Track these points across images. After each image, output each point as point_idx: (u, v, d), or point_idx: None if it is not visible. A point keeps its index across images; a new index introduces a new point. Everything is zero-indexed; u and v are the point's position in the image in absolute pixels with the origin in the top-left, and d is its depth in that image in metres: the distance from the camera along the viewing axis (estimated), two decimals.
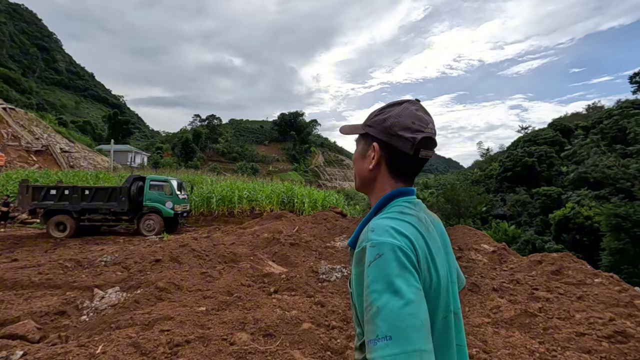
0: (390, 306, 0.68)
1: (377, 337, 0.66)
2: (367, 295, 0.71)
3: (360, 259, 0.77)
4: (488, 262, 6.71)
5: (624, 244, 15.74)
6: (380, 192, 0.93)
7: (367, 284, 0.72)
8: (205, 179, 22.26)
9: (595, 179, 26.16)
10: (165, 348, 3.02)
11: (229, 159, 73.28)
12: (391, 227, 0.78)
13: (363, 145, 0.96)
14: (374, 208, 0.91)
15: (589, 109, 56.91)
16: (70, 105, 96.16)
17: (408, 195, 0.92)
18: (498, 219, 30.83)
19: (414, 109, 0.91)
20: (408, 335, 0.65)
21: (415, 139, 0.86)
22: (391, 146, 0.89)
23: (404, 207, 0.88)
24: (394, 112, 0.90)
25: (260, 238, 8.48)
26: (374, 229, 0.79)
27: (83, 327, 3.87)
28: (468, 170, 61.60)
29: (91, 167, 31.67)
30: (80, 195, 11.73)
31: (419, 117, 0.89)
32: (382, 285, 0.70)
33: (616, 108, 37.64)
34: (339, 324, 3.73)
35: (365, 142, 0.95)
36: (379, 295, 0.69)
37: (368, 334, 0.69)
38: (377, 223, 0.81)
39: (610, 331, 3.38)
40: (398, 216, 0.84)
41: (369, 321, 0.69)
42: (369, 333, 0.69)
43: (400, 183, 0.92)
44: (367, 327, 0.70)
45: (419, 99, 0.96)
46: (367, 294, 0.71)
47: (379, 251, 0.73)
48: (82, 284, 5.36)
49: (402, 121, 0.88)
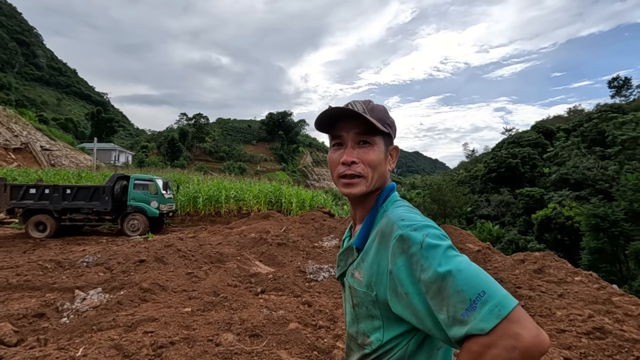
0: (464, 266, 0.66)
1: (471, 301, 0.62)
2: (433, 273, 0.67)
3: (402, 248, 0.73)
4: (473, 261, 6.82)
5: (602, 243, 16.26)
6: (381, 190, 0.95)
7: (427, 265, 0.68)
8: (191, 178, 21.97)
9: (575, 180, 26.93)
10: (148, 350, 2.96)
11: (216, 158, 72.46)
12: (416, 214, 0.81)
13: (383, 144, 0.91)
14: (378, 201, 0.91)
15: (570, 112, 58.60)
16: (51, 102, 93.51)
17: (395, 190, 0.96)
18: (483, 219, 31.43)
19: None
20: (494, 283, 0.64)
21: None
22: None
23: (404, 201, 0.91)
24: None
25: (247, 238, 8.42)
26: (403, 218, 0.79)
27: (63, 330, 3.76)
28: (454, 171, 62.58)
29: (73, 165, 30.86)
30: (61, 195, 11.41)
31: None
32: (444, 256, 0.68)
33: (596, 111, 38.88)
34: (326, 324, 3.73)
35: (384, 142, 0.91)
36: (446, 265, 0.66)
37: (456, 308, 0.63)
38: (401, 214, 0.81)
39: (590, 327, 3.47)
40: (411, 209, 0.86)
41: (452, 294, 0.64)
42: (458, 306, 0.63)
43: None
44: (452, 302, 0.64)
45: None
46: (433, 271, 0.67)
47: (424, 232, 0.73)
48: (62, 285, 5.21)
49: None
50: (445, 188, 30.08)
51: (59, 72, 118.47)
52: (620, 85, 52.73)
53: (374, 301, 0.81)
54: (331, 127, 0.92)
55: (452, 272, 0.65)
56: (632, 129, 18.79)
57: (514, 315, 0.60)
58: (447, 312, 0.65)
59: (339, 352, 3.12)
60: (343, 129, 0.89)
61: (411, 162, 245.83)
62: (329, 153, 0.94)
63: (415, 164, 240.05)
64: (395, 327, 0.79)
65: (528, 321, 0.60)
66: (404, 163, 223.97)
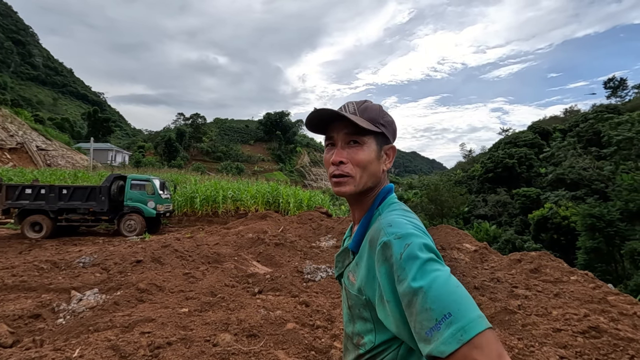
0: (436, 285, 0.64)
1: (437, 321, 0.60)
2: (406, 287, 0.66)
3: (385, 256, 0.73)
4: (470, 261, 6.84)
5: (598, 243, 16.35)
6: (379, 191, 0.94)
7: (403, 277, 0.68)
8: (188, 179, 21.92)
9: (572, 180, 27.08)
10: (145, 350, 2.95)
11: (214, 158, 72.27)
12: (407, 220, 0.79)
13: (376, 144, 0.90)
14: (375, 203, 0.91)
15: (566, 113, 58.88)
16: (47, 102, 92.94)
17: (393, 193, 0.95)
18: (480, 219, 31.53)
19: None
20: (466, 305, 0.61)
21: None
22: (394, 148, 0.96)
23: (401, 204, 0.90)
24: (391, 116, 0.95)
25: (244, 238, 8.40)
26: (391, 224, 0.77)
27: (59, 331, 3.75)
28: (451, 171, 62.71)
29: (69, 165, 30.70)
30: (57, 195, 11.35)
31: None
32: (420, 270, 0.66)
33: (591, 112, 39.09)
34: (323, 324, 3.73)
35: (377, 142, 0.91)
36: (421, 280, 0.65)
37: (422, 326, 0.62)
38: (391, 219, 0.80)
39: (585, 327, 3.50)
40: (405, 213, 0.85)
41: (420, 311, 0.63)
42: (424, 324, 0.62)
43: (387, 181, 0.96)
44: (419, 319, 0.63)
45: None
46: (405, 286, 0.66)
47: (407, 241, 0.71)
48: (58, 286, 5.19)
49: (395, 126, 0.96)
50: (442, 188, 30.13)
51: (55, 71, 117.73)
52: (615, 86, 53.06)
53: (365, 305, 0.82)
54: (325, 128, 0.93)
55: (424, 288, 0.64)
56: (627, 130, 18.94)
57: (477, 340, 0.58)
58: (414, 328, 0.65)
59: (337, 352, 3.12)
60: (334, 129, 0.91)
61: (408, 162, 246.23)
62: (324, 153, 0.96)
63: (412, 164, 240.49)
64: (386, 331, 0.78)
65: (492, 348, 0.57)
66: (402, 163, 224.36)
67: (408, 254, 0.69)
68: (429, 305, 0.62)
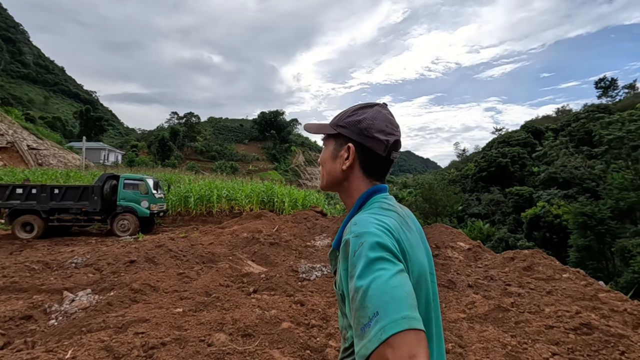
0: (374, 284, 0.65)
1: (369, 319, 0.63)
2: (352, 284, 0.69)
3: (345, 253, 0.76)
4: (464, 259, 6.90)
5: (589, 241, 16.57)
6: (355, 191, 0.95)
7: (352, 274, 0.70)
8: (182, 178, 21.76)
9: (564, 179, 27.40)
10: (139, 351, 2.93)
11: (208, 157, 71.86)
12: (374, 219, 0.79)
13: (334, 145, 0.97)
14: (356, 206, 0.92)
15: (558, 112, 59.58)
16: (38, 101, 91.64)
17: (384, 192, 0.94)
18: (473, 217, 31.78)
19: (386, 112, 0.95)
20: (395, 305, 0.63)
21: (388, 142, 0.91)
22: (365, 147, 0.92)
23: (382, 203, 0.90)
24: (368, 114, 0.93)
25: (239, 238, 8.38)
26: (356, 222, 0.80)
27: (51, 332, 3.70)
28: (445, 170, 63.10)
29: (61, 165, 30.31)
30: (49, 195, 11.21)
31: (391, 120, 0.94)
32: (365, 268, 0.68)
33: (583, 112, 39.59)
34: (318, 323, 3.74)
35: (337, 143, 0.97)
36: (363, 279, 0.67)
37: (359, 323, 0.65)
38: (359, 218, 0.82)
39: (577, 323, 3.54)
40: (379, 211, 0.85)
41: (358, 308, 0.66)
42: (360, 320, 0.65)
43: (374, 182, 0.95)
44: (356, 315, 0.66)
45: (386, 103, 0.99)
46: (352, 283, 0.69)
47: (361, 239, 0.73)
48: (50, 286, 5.12)
49: (376, 124, 0.91)
50: (436, 187, 30.32)
51: (46, 69, 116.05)
52: (606, 86, 53.82)
53: (342, 300, 0.85)
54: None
55: (363, 287, 0.66)
56: (618, 129, 19.18)
57: (392, 339, 0.60)
58: (353, 324, 0.68)
59: (332, 350, 3.12)
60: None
61: (403, 161, 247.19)
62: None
63: (407, 164, 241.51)
64: None
65: (405, 349, 0.59)
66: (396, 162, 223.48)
67: (360, 252, 0.71)
68: (365, 304, 0.65)
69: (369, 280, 0.66)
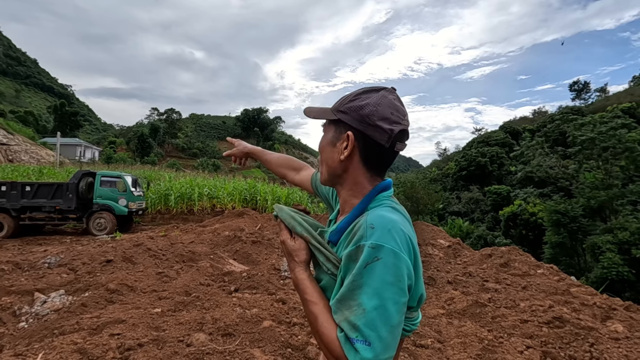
0: (377, 313, 0.68)
1: (357, 338, 0.69)
2: (355, 292, 0.71)
3: (355, 255, 0.73)
4: (444, 256, 7.04)
5: (562, 238, 17.20)
6: (355, 185, 0.87)
7: (358, 283, 0.71)
8: (163, 175, 21.27)
9: (539, 178, 28.32)
10: (115, 353, 2.84)
11: (189, 155, 70.48)
12: (393, 227, 0.74)
13: (334, 132, 0.88)
14: (361, 205, 0.84)
15: (534, 114, 61.57)
16: (9, 94, 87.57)
17: (390, 190, 0.88)
18: (454, 215, 32.46)
19: (392, 98, 0.84)
20: (386, 345, 0.68)
21: (393, 131, 0.80)
22: (366, 136, 0.82)
23: (393, 203, 0.85)
24: (372, 99, 0.82)
25: (220, 236, 8.26)
26: (374, 225, 0.73)
27: (21, 335, 3.55)
28: (427, 169, 64.14)
29: (34, 161, 29.10)
30: (19, 192, 10.75)
31: (398, 107, 0.83)
32: (374, 290, 0.69)
33: (558, 113, 41.06)
34: (300, 321, 3.73)
35: (337, 130, 0.87)
36: (369, 299, 0.69)
37: (348, 325, 0.71)
38: (377, 217, 0.76)
39: (550, 317, 3.67)
40: (394, 212, 0.81)
41: (351, 315, 0.71)
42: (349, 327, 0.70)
43: (375, 176, 0.87)
44: (346, 314, 0.72)
45: (395, 88, 0.87)
46: (357, 292, 0.71)
47: (378, 254, 0.70)
48: (20, 288, 4.90)
49: (380, 110, 0.81)
50: (418, 186, 30.71)
51: (17, 61, 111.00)
52: (580, 89, 56.01)
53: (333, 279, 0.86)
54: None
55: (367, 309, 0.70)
56: (590, 130, 19.97)
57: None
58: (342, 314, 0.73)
59: (313, 348, 3.13)
60: None
61: None
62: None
63: None
64: None
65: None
66: None
67: (373, 267, 0.70)
68: (360, 323, 0.69)
69: (374, 305, 0.69)
